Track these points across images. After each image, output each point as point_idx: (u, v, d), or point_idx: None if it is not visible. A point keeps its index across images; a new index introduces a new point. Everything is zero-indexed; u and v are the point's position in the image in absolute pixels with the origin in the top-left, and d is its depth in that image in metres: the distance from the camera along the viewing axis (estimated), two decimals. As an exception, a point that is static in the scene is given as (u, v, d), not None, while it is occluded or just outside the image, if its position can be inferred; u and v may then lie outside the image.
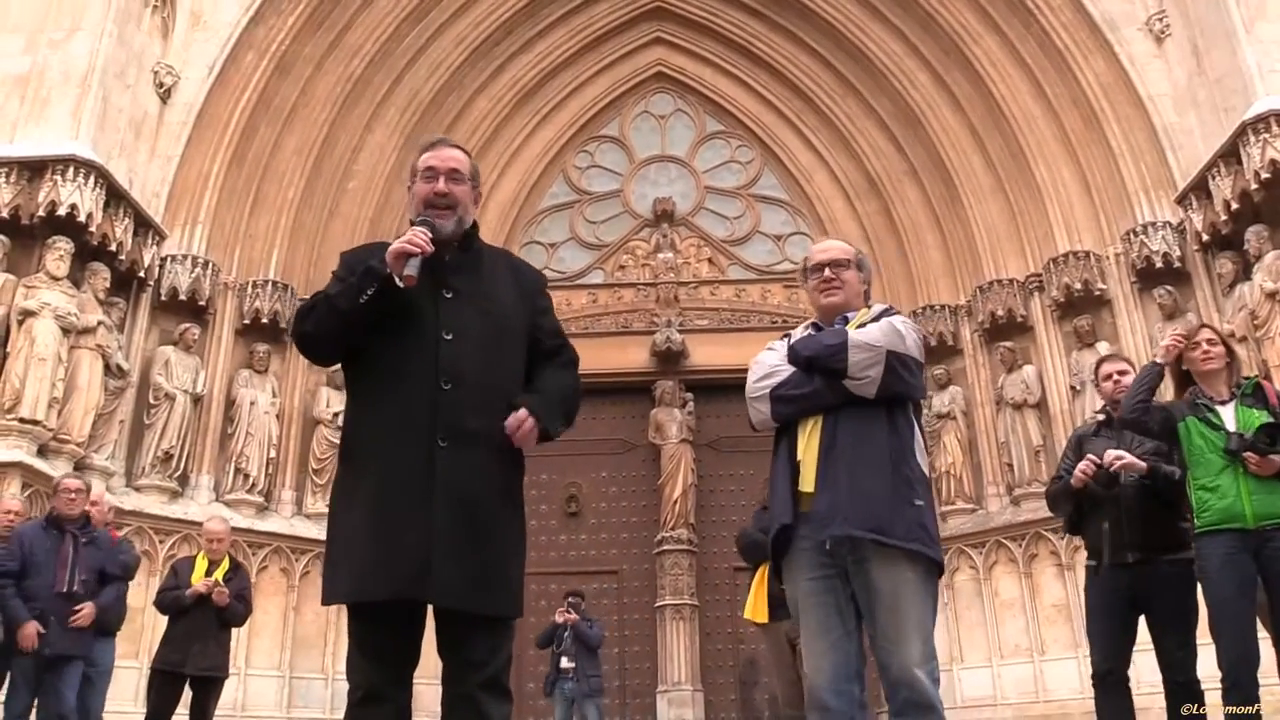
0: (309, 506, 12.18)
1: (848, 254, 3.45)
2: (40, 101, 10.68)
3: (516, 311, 2.93)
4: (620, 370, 13.43)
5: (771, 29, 14.56)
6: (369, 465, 2.72)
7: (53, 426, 9.92)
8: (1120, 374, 5.09)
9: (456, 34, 14.09)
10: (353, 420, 2.86)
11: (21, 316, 9.91)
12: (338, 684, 11.53)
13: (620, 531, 13.59)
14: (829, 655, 3.05)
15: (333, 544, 2.78)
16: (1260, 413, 4.45)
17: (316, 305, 2.80)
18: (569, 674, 10.17)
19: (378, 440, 2.73)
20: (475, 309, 2.83)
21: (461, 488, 2.67)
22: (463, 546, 2.64)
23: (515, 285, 2.99)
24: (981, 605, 11.83)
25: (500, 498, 2.78)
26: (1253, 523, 4.30)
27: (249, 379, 12.18)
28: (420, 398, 2.71)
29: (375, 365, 2.79)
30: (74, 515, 6.74)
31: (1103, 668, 4.77)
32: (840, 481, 3.05)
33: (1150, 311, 11.60)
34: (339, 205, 13.41)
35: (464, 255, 2.91)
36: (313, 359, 2.99)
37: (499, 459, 2.77)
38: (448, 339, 2.75)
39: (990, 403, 12.54)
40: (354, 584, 2.65)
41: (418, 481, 2.65)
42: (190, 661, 6.94)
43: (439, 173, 2.95)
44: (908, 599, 3.00)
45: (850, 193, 14.37)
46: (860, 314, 3.37)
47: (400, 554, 2.60)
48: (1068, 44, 12.37)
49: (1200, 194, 11.01)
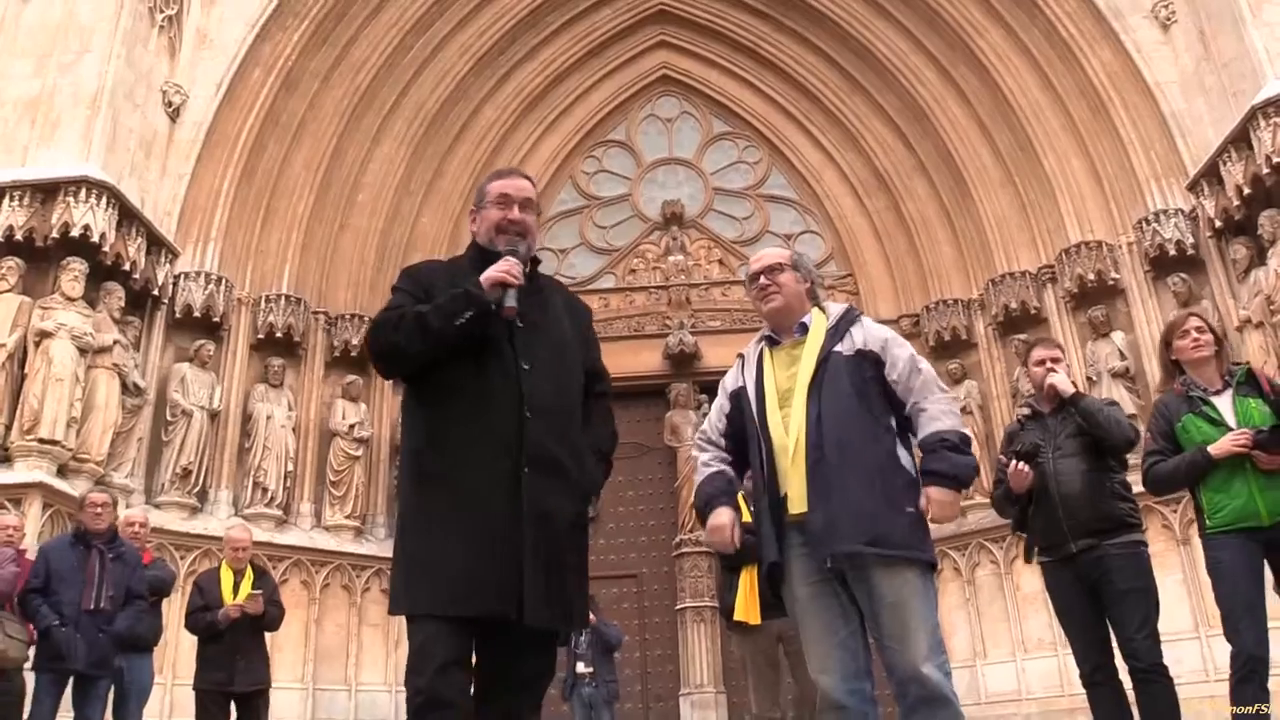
0: (327, 519, 12.23)
1: (780, 258, 3.46)
2: (51, 124, 10.76)
3: (575, 343, 3.07)
4: (634, 374, 13.41)
5: (776, 29, 14.56)
6: (454, 484, 2.78)
7: (71, 446, 9.98)
8: (1054, 361, 4.91)
9: (461, 44, 14.14)
10: (430, 440, 2.88)
11: (38, 338, 9.98)
12: (360, 695, 11.58)
13: (639, 535, 13.59)
14: (836, 655, 3.06)
15: (410, 558, 2.81)
16: (1257, 401, 4.36)
17: (404, 319, 2.83)
18: (586, 679, 10.01)
19: (464, 462, 2.79)
20: (545, 339, 2.95)
21: (543, 511, 2.78)
22: (545, 567, 2.75)
23: (570, 316, 3.12)
24: (1004, 600, 11.75)
25: (571, 522, 2.90)
26: (1268, 520, 4.23)
27: (265, 393, 12.23)
28: (508, 424, 2.79)
29: (454, 388, 2.85)
30: (101, 530, 6.73)
31: (1086, 666, 4.63)
32: (832, 497, 3.04)
33: (1165, 300, 11.51)
34: (349, 218, 13.47)
35: (528, 285, 2.97)
36: (387, 370, 2.99)
37: (571, 486, 2.89)
38: (526, 369, 2.85)
39: (1006, 396, 12.48)
40: (444, 598, 2.70)
41: (507, 504, 2.74)
42: (237, 679, 6.85)
43: (514, 201, 3.06)
44: (910, 599, 3.01)
45: (859, 190, 14.34)
46: (815, 317, 3.34)
47: (494, 573, 2.69)
48: (1073, 34, 12.33)
49: (1212, 180, 10.94)
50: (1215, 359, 4.55)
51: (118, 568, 6.70)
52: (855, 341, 3.24)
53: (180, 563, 10.85)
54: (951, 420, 3.15)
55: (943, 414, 3.15)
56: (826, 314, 3.36)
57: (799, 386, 3.21)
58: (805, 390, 3.18)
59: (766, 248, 3.81)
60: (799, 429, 3.15)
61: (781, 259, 3.45)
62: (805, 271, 3.44)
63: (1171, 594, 9.81)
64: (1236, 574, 4.28)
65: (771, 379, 3.30)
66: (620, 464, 12.85)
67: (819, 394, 3.16)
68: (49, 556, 6.61)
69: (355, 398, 12.63)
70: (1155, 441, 4.56)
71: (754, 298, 3.45)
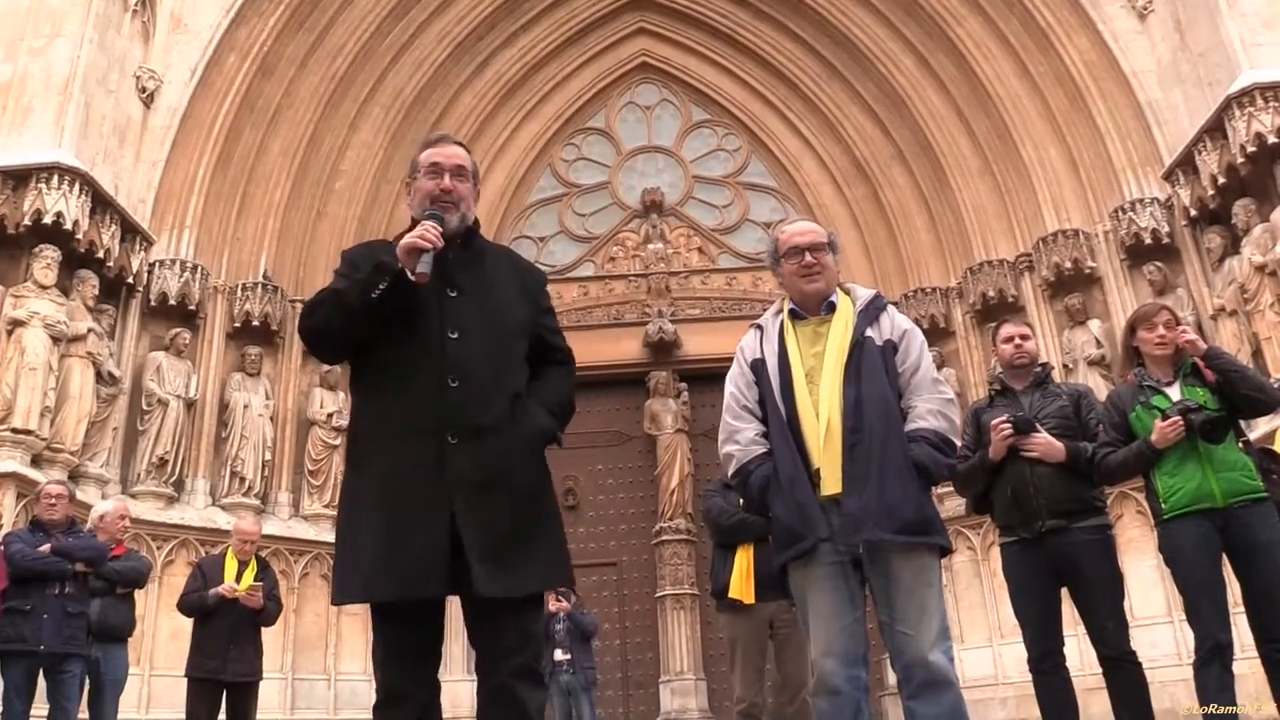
0: (305, 508, 12.17)
1: (824, 237, 3.42)
2: (22, 110, 10.61)
3: (520, 309, 2.93)
4: (613, 362, 13.42)
5: (755, 16, 14.53)
6: (377, 463, 2.73)
7: (46, 436, 9.88)
8: (1023, 338, 4.92)
9: (439, 30, 14.04)
10: (358, 419, 2.86)
11: (10, 326, 9.86)
12: (340, 685, 11.55)
13: (618, 523, 13.61)
14: (841, 639, 3.08)
15: (343, 544, 2.78)
16: (1203, 390, 4.41)
17: (324, 300, 2.78)
18: (564, 665, 10.06)
19: (385, 438, 2.73)
20: (479, 307, 2.84)
21: (473, 480, 2.67)
22: (491, 535, 2.65)
23: (518, 283, 2.99)
24: (980, 586, 11.85)
25: (521, 481, 2.77)
26: (1222, 501, 4.28)
27: (242, 382, 12.14)
28: (428, 396, 2.71)
29: (381, 364, 2.79)
30: (56, 520, 6.74)
31: (1036, 651, 4.58)
32: (869, 483, 3.05)
33: (1140, 288, 11.60)
34: (326, 205, 13.36)
35: (466, 253, 2.90)
36: (319, 355, 3.01)
37: (507, 449, 2.76)
38: (453, 337, 2.75)
39: (983, 384, 12.51)
40: (370, 583, 2.66)
41: (429, 479, 2.65)
42: (229, 668, 6.87)
43: (444, 169, 2.93)
44: (926, 586, 3.07)
45: (838, 178, 14.37)
46: (841, 297, 3.35)
47: (410, 553, 2.61)
48: (1050, 23, 12.37)
49: (1187, 169, 11.02)
50: (1174, 353, 4.55)
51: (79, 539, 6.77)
52: (884, 331, 3.26)
53: (157, 553, 10.78)
54: (935, 421, 3.17)
55: (929, 414, 3.18)
56: (852, 295, 3.36)
57: (829, 366, 3.20)
58: (841, 371, 3.18)
59: (802, 220, 3.60)
60: (831, 410, 3.14)
61: (825, 238, 3.42)
62: (839, 254, 3.46)
63: (1145, 579, 9.93)
64: (1192, 557, 4.33)
65: (796, 354, 3.27)
66: (600, 452, 12.81)
67: (857, 378, 3.15)
68: (9, 544, 6.60)
69: (333, 386, 12.56)
70: (1107, 433, 4.60)
71: (790, 271, 3.37)
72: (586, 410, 12.92)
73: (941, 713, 2.98)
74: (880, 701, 11.97)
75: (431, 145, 3.02)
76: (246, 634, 7.02)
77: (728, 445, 3.34)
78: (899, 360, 3.23)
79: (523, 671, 2.69)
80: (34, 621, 6.37)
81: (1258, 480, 4.34)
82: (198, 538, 11.09)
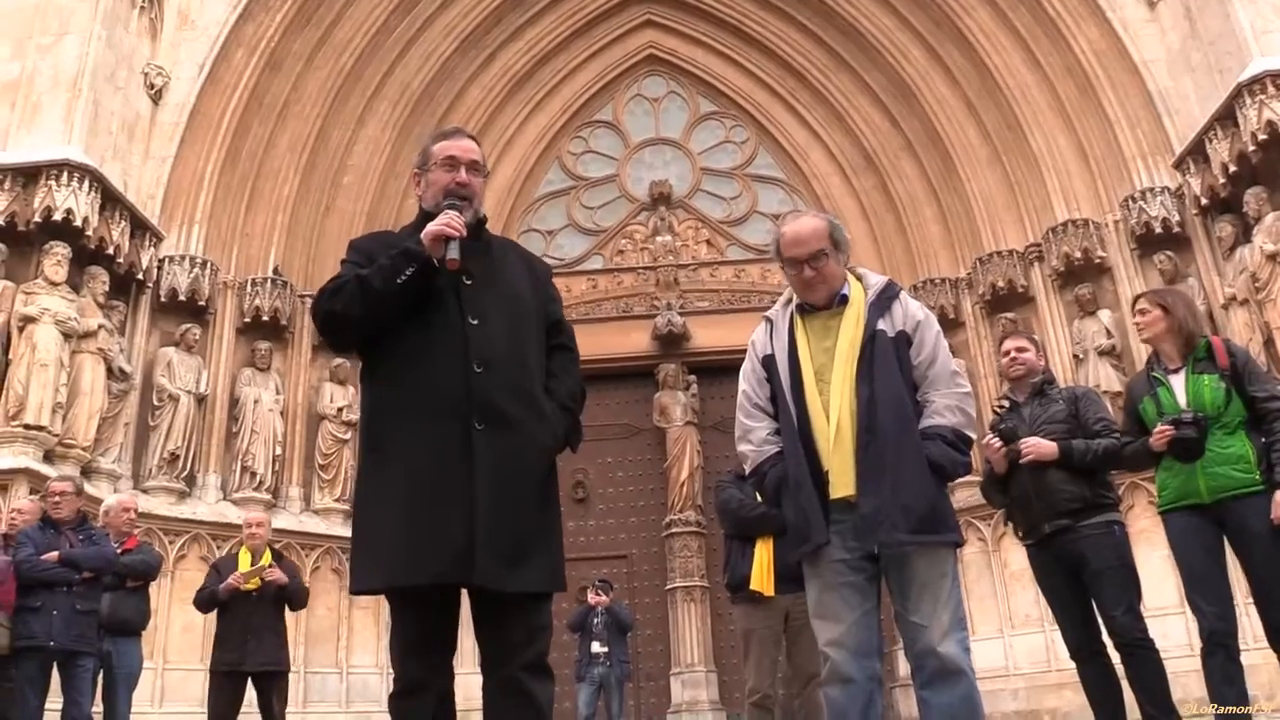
0: (316, 502, 12.21)
1: (823, 242, 3.23)
2: (31, 107, 10.65)
3: (532, 298, 2.97)
4: (623, 355, 13.43)
5: (762, 7, 14.49)
6: (400, 450, 2.72)
7: (57, 432, 9.93)
8: (1019, 350, 4.99)
9: (446, 24, 14.03)
10: (375, 406, 2.84)
11: (22, 323, 9.91)
12: (351, 678, 11.60)
13: (628, 516, 13.62)
14: (854, 630, 3.08)
15: (363, 532, 2.77)
16: (1210, 378, 4.41)
17: (345, 285, 2.77)
18: (601, 658, 10.15)
19: (408, 424, 2.73)
20: (495, 295, 2.87)
21: (500, 469, 2.68)
22: (503, 527, 2.65)
23: (528, 273, 3.03)
24: (991, 577, 11.84)
25: (535, 478, 2.79)
26: (1208, 497, 4.34)
27: (252, 377, 12.18)
28: (453, 381, 2.71)
29: (399, 351, 2.79)
30: (63, 517, 6.76)
31: (1071, 642, 4.75)
32: (884, 484, 3.01)
33: (1151, 277, 11.53)
34: (334, 200, 13.38)
35: (476, 244, 2.91)
36: (335, 341, 2.98)
37: (531, 441, 2.78)
38: (474, 323, 2.77)
39: (993, 375, 12.49)
40: (393, 570, 2.65)
41: (456, 464, 2.65)
42: (249, 658, 6.86)
43: (460, 163, 2.96)
44: (942, 580, 3.06)
45: (847, 169, 14.33)
46: (853, 286, 3.27)
47: (442, 537, 2.61)
48: (1060, 12, 12.31)
49: (1198, 158, 10.96)
50: (1172, 335, 4.57)
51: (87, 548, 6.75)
52: (897, 321, 3.19)
53: (169, 548, 10.83)
54: (953, 418, 3.12)
55: (946, 409, 3.13)
56: (864, 283, 3.29)
57: (839, 362, 3.14)
58: (853, 370, 3.12)
59: (802, 218, 3.34)
60: (842, 410, 3.10)
61: (823, 244, 3.22)
62: (845, 247, 3.32)
63: (1157, 570, 9.87)
64: (1185, 549, 4.44)
65: (806, 351, 3.21)
66: (609, 445, 12.79)
67: (869, 376, 3.09)
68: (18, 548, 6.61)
69: (343, 381, 12.59)
70: (1125, 421, 4.75)
71: (791, 279, 3.31)
72: (596, 403, 12.99)
73: (954, 701, 2.98)
74: (891, 693, 11.97)
75: (446, 138, 3.04)
76: (265, 623, 7.02)
77: (742, 444, 3.34)
78: (913, 352, 3.16)
79: (532, 665, 2.70)
80: (44, 618, 6.40)
81: (1254, 473, 4.31)
82: (209, 532, 11.13)
